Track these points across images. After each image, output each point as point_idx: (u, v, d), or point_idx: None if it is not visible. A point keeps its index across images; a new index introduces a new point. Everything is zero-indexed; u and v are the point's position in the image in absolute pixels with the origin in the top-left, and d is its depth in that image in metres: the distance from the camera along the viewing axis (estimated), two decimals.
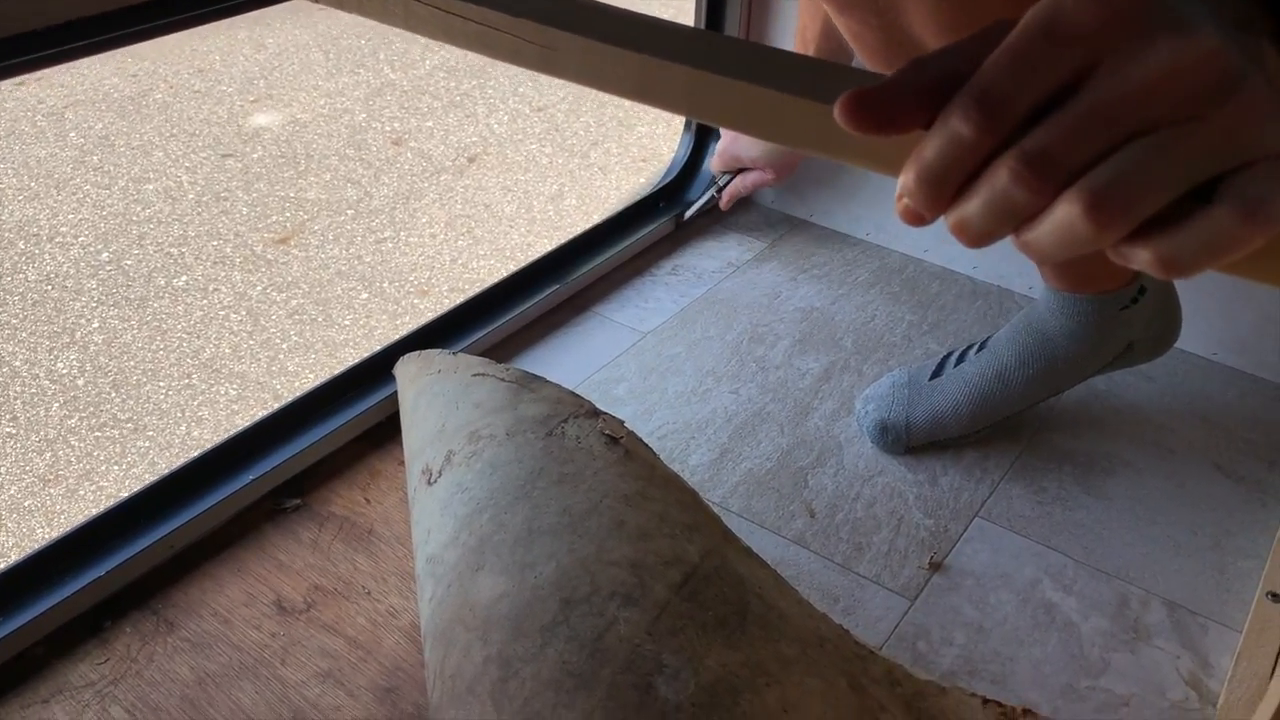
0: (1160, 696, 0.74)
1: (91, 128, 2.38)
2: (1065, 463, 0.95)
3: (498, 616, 0.60)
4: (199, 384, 1.60)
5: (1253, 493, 0.92)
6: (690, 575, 0.62)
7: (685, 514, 0.68)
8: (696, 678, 0.57)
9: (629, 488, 0.68)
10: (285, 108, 2.51)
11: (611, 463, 0.70)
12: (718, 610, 0.61)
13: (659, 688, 0.56)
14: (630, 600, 0.60)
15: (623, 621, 0.59)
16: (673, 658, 0.57)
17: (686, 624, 0.59)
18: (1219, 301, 1.05)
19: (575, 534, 0.64)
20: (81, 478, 1.42)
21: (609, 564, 0.62)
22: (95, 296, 1.80)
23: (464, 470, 0.71)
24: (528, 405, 0.75)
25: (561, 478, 0.68)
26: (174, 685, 0.72)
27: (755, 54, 0.35)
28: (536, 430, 0.72)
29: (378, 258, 1.93)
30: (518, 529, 0.65)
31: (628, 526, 0.64)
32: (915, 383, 0.96)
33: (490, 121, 2.48)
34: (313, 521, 0.85)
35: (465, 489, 0.70)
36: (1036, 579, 0.83)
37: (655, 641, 0.58)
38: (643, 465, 0.71)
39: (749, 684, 0.57)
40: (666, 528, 0.65)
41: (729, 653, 0.59)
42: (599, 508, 0.65)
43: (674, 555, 0.64)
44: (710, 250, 1.23)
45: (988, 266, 1.18)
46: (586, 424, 0.73)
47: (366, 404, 0.93)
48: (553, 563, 0.62)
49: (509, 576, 0.62)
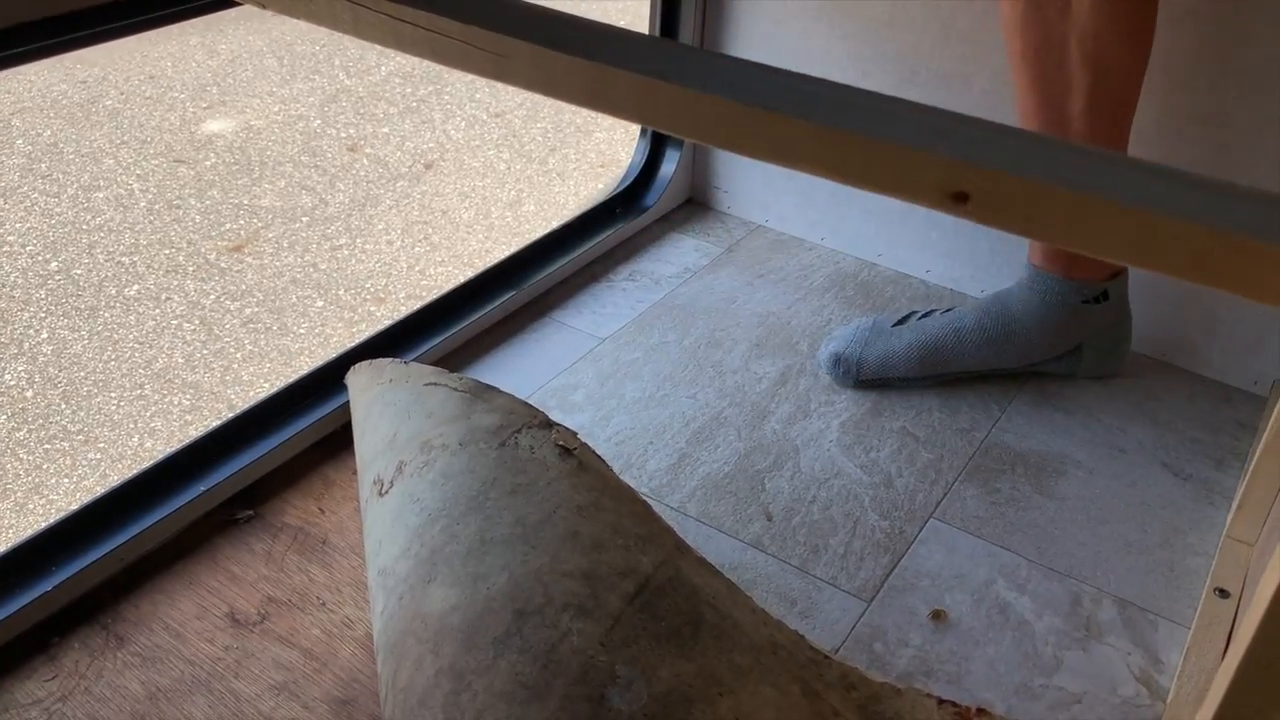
0: (1112, 693, 0.76)
1: (40, 135, 2.34)
2: (1018, 464, 0.96)
3: (449, 628, 0.60)
4: (151, 394, 1.57)
5: (1201, 491, 0.94)
6: (644, 586, 0.63)
7: (639, 525, 0.68)
8: (650, 688, 0.57)
9: (582, 499, 0.68)
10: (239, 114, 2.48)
11: (565, 474, 0.70)
12: (671, 621, 0.61)
13: (612, 699, 0.56)
14: (584, 611, 0.60)
15: (576, 633, 0.59)
16: (626, 669, 0.57)
17: (640, 635, 0.59)
18: (1168, 304, 1.07)
19: (528, 545, 0.63)
20: (30, 491, 1.40)
21: (562, 575, 0.62)
22: (44, 306, 1.77)
23: (416, 480, 0.70)
24: (481, 415, 0.74)
25: (515, 488, 0.68)
26: (124, 701, 0.70)
27: (708, 62, 0.36)
28: (489, 441, 0.72)
29: (333, 265, 1.92)
30: (470, 540, 0.64)
31: (581, 537, 0.64)
32: (879, 326, 1.04)
33: (447, 127, 2.47)
34: (266, 532, 0.84)
35: (417, 499, 0.69)
36: (991, 579, 0.84)
37: (609, 652, 0.58)
38: (596, 476, 0.71)
39: (702, 694, 0.58)
40: (620, 539, 0.66)
41: (682, 663, 0.59)
42: (552, 518, 0.65)
43: (627, 566, 0.64)
44: (667, 256, 1.23)
45: (941, 270, 1.19)
46: (540, 435, 0.73)
47: (321, 413, 0.92)
48: (505, 574, 0.62)
49: (461, 588, 0.62)
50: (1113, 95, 0.89)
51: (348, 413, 0.91)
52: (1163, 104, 1.00)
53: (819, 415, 1.00)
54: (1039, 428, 1.00)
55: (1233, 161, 0.99)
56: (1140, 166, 0.30)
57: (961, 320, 1.02)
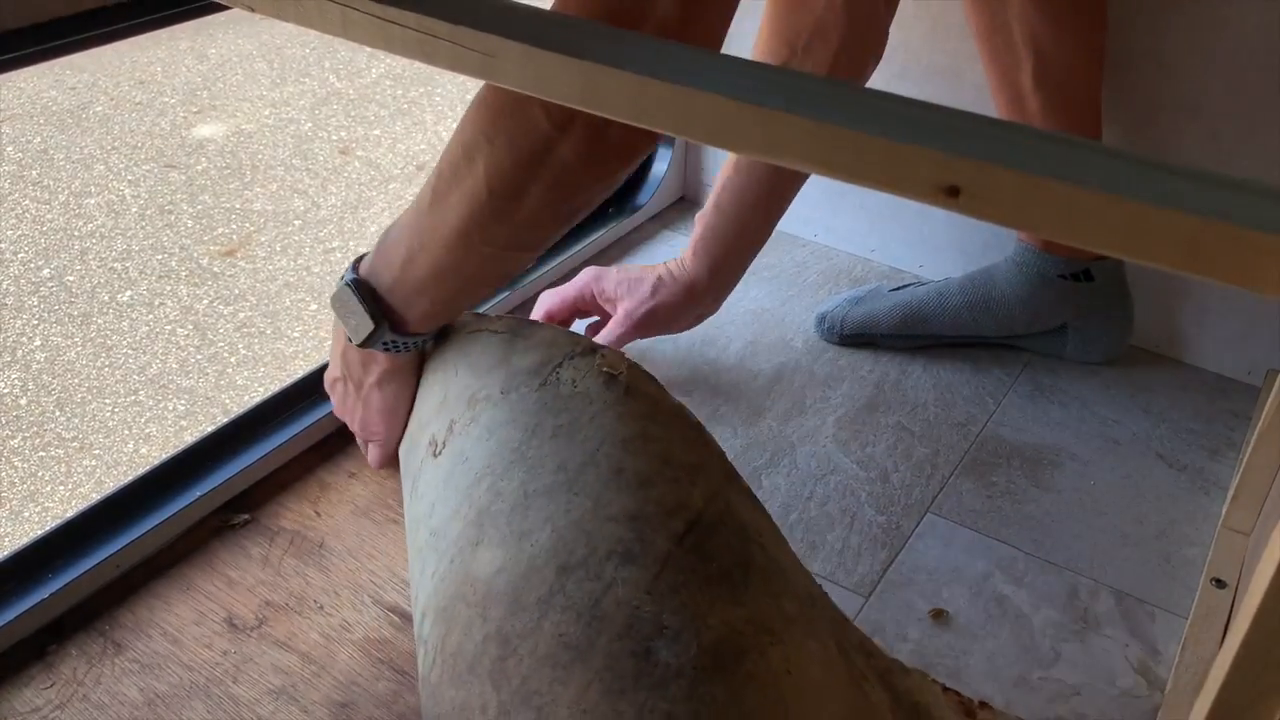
0: (1110, 685, 0.76)
1: (30, 141, 2.33)
2: (1013, 457, 0.96)
3: (496, 591, 0.58)
4: (146, 400, 1.57)
5: (1196, 482, 0.94)
6: (694, 524, 0.59)
7: (689, 452, 0.64)
8: (698, 638, 0.54)
9: (629, 430, 0.63)
10: (230, 118, 2.48)
11: (610, 404, 0.65)
12: (722, 561, 0.57)
13: (659, 652, 0.53)
14: (629, 557, 0.56)
15: (621, 582, 0.55)
16: (673, 617, 0.54)
17: (690, 578, 0.56)
18: (1160, 295, 1.07)
19: (571, 492, 0.60)
20: (26, 499, 1.39)
21: (606, 520, 0.58)
22: (37, 314, 1.76)
23: (464, 438, 0.67)
24: (520, 356, 0.70)
25: (556, 431, 0.64)
26: (123, 708, 0.70)
27: (698, 59, 0.36)
28: (529, 383, 0.67)
29: (326, 268, 1.91)
30: (514, 495, 0.61)
31: (626, 475, 0.60)
32: (875, 291, 1.09)
33: (439, 129, 2.47)
34: (262, 537, 0.83)
35: (466, 459, 0.66)
36: (988, 572, 0.84)
37: (655, 601, 0.55)
38: (644, 401, 0.66)
39: (754, 643, 0.54)
40: (669, 470, 0.61)
41: (734, 609, 0.55)
42: (595, 458, 0.61)
43: (677, 502, 0.59)
44: (660, 254, 1.23)
45: (934, 265, 1.20)
46: (583, 364, 0.68)
47: (315, 416, 0.92)
48: (548, 528, 0.59)
49: (506, 548, 0.59)
50: (1055, 75, 0.94)
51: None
52: (1151, 93, 1.00)
53: (814, 412, 1.00)
54: (1034, 421, 1.01)
55: (1223, 151, 0.99)
56: (1132, 158, 0.30)
57: (947, 286, 1.06)
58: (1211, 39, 0.96)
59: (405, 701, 0.71)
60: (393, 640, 0.75)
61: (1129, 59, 1.00)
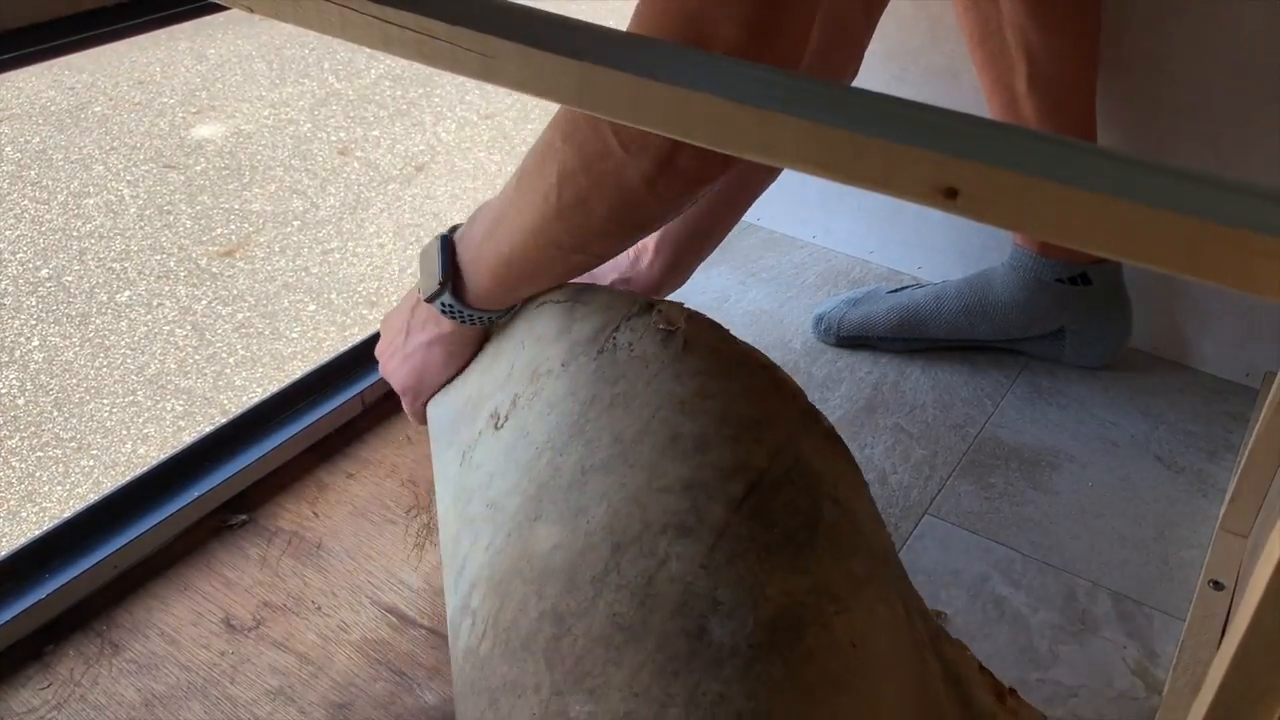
0: (1108, 686, 0.76)
1: (28, 142, 2.33)
2: (1012, 459, 0.96)
3: (553, 569, 0.56)
4: (144, 400, 1.57)
5: (1194, 484, 0.94)
6: (755, 485, 0.56)
7: (753, 405, 0.60)
8: (755, 613, 0.51)
9: (686, 389, 0.60)
10: (229, 119, 2.48)
11: (667, 364, 0.62)
12: (785, 524, 0.55)
13: (713, 631, 0.51)
14: (684, 530, 0.54)
15: (674, 558, 0.53)
16: (729, 592, 0.52)
17: (748, 548, 0.53)
18: (1159, 298, 1.07)
19: (627, 464, 0.58)
20: (23, 499, 1.39)
21: (660, 491, 0.56)
22: (35, 314, 1.76)
23: (526, 412, 0.66)
24: (580, 325, 0.68)
25: (613, 400, 0.61)
26: (120, 708, 0.70)
27: (695, 60, 0.36)
28: (588, 352, 0.65)
29: (325, 269, 1.91)
30: (571, 471, 0.60)
31: (683, 440, 0.58)
32: (873, 293, 1.10)
33: (438, 130, 2.47)
34: (260, 537, 0.83)
35: (527, 433, 0.65)
36: (986, 574, 0.84)
37: (710, 575, 0.53)
38: (704, 355, 0.63)
39: (815, 614, 0.52)
40: (729, 429, 0.58)
41: (795, 577, 0.53)
42: (650, 426, 0.59)
43: (736, 463, 0.57)
44: None
45: (933, 267, 1.20)
46: (639, 324, 0.65)
47: (313, 417, 0.92)
48: (604, 503, 0.57)
49: (563, 525, 0.58)
50: (1049, 79, 0.95)
51: (341, 416, 0.91)
52: (1150, 96, 1.00)
53: None
54: (1032, 422, 1.01)
55: (1222, 154, 0.99)
56: (1130, 159, 0.30)
57: (944, 289, 1.07)
58: (1210, 41, 0.96)
59: (403, 702, 0.71)
60: (390, 641, 0.75)
61: (1127, 61, 1.00)
